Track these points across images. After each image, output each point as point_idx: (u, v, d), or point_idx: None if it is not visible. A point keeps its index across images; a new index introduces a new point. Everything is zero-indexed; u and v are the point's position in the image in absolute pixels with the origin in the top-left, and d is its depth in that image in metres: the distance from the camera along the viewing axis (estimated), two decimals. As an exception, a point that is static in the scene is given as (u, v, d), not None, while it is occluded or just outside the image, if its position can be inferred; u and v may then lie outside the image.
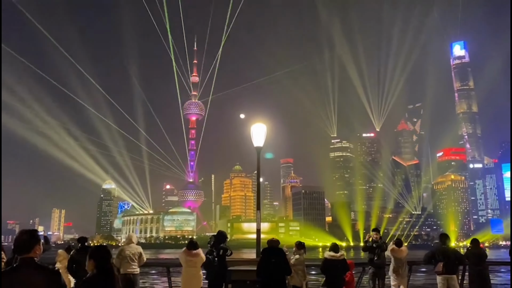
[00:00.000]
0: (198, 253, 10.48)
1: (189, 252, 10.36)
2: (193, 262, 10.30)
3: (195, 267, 10.35)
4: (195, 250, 10.50)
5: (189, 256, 10.31)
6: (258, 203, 12.66)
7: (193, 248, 10.48)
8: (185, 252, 10.39)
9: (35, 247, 4.17)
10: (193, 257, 10.33)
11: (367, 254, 13.66)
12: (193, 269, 10.30)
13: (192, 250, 10.40)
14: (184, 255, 10.38)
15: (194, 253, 10.37)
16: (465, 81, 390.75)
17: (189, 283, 10.28)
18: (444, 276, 11.29)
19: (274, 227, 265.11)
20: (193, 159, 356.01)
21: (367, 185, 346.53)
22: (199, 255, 10.49)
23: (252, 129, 12.56)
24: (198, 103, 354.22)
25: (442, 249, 11.62)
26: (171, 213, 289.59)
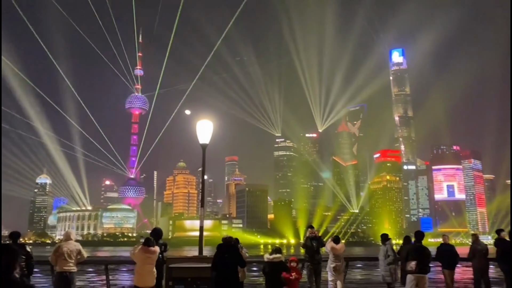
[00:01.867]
0: (156, 250, 10.33)
1: (147, 249, 10.15)
2: (151, 259, 10.14)
3: (152, 264, 10.20)
4: (153, 247, 10.31)
5: (147, 253, 10.11)
6: (203, 200, 12.60)
7: (151, 245, 10.30)
8: (142, 249, 10.16)
9: None
10: (152, 254, 10.16)
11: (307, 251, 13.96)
12: (150, 266, 10.16)
13: (150, 247, 10.21)
14: (141, 252, 10.15)
15: (152, 250, 10.20)
16: (402, 87, 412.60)
17: (145, 280, 10.09)
18: (416, 276, 11.03)
19: (217, 224, 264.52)
20: (135, 154, 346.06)
21: (308, 184, 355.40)
22: (156, 252, 10.35)
23: (197, 125, 12.45)
24: (142, 97, 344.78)
25: (417, 247, 11.38)
26: (110, 210, 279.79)
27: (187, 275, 10.65)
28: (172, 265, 10.82)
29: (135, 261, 10.24)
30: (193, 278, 10.55)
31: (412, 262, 10.99)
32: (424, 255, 11.18)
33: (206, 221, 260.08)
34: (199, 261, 11.26)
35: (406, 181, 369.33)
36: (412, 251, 11.32)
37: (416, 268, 10.91)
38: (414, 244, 11.76)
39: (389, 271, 13.24)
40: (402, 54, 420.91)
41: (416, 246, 11.51)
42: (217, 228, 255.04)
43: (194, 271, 10.70)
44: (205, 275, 10.54)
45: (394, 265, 13.33)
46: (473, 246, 13.85)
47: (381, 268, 13.61)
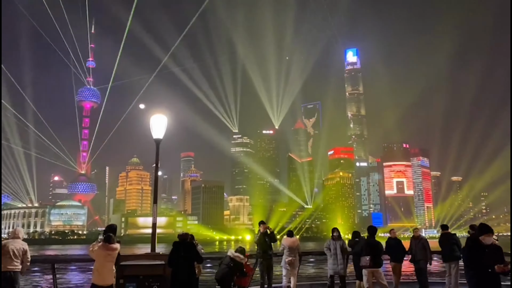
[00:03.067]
0: (117, 247, 9.97)
1: (108, 246, 9.78)
2: (111, 256, 9.76)
3: (112, 261, 9.80)
4: (114, 244, 9.96)
5: (108, 250, 9.74)
6: (155, 196, 12.33)
7: (112, 242, 9.94)
8: (103, 246, 9.77)
9: None
10: (112, 251, 9.80)
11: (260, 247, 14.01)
12: (110, 263, 9.76)
13: (111, 244, 9.84)
14: (102, 249, 9.76)
15: (113, 247, 9.83)
16: (356, 86, 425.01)
17: (104, 278, 9.72)
18: (370, 270, 11.48)
19: (171, 221, 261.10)
20: (85, 149, 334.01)
21: (264, 180, 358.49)
22: (117, 249, 10.00)
23: (151, 120, 12.17)
24: (94, 89, 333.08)
25: (370, 242, 11.74)
26: (59, 207, 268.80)
27: (139, 273, 10.42)
28: (124, 263, 10.54)
29: (93, 259, 9.89)
30: (145, 276, 10.35)
31: (367, 257, 11.37)
32: (377, 250, 11.61)
33: (160, 218, 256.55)
34: (151, 259, 11.03)
35: (358, 178, 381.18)
36: (366, 246, 11.65)
37: (371, 263, 11.31)
38: (367, 239, 12.08)
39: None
40: (356, 54, 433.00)
41: (369, 241, 11.86)
42: (172, 225, 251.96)
43: (146, 269, 10.49)
44: (158, 272, 10.37)
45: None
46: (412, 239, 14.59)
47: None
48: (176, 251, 10.13)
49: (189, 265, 10.12)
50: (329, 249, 13.51)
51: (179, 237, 10.52)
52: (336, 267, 13.25)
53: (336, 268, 13.26)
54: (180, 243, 10.31)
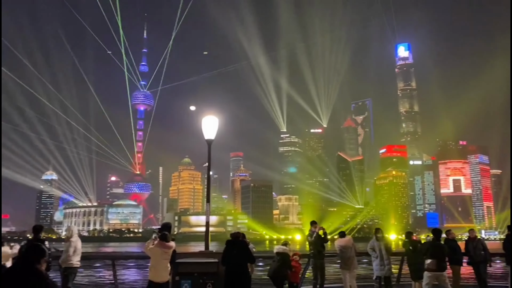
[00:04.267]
0: (172, 245, 10.38)
1: (164, 244, 10.20)
2: (167, 254, 10.15)
3: (168, 259, 10.20)
4: (169, 242, 10.37)
5: (164, 248, 10.15)
6: (208, 196, 12.62)
7: (168, 240, 10.36)
8: (159, 244, 10.19)
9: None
10: (168, 249, 10.21)
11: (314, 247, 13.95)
12: (166, 261, 10.17)
13: (167, 242, 10.26)
14: (158, 247, 10.18)
15: (169, 245, 10.25)
16: (408, 82, 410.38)
17: (160, 275, 10.13)
18: (435, 273, 11.18)
19: (222, 220, 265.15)
20: (140, 150, 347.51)
21: (313, 180, 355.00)
22: (173, 247, 10.41)
23: (203, 121, 12.49)
24: (147, 92, 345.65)
25: (435, 245, 11.44)
26: (116, 206, 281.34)
27: (194, 270, 10.70)
28: (179, 260, 10.87)
29: (149, 256, 10.29)
30: (200, 273, 10.61)
31: (432, 260, 11.09)
32: (442, 253, 11.34)
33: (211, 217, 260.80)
34: (205, 256, 11.31)
35: (412, 177, 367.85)
36: (431, 249, 11.37)
37: (436, 266, 11.03)
38: (433, 242, 11.74)
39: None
40: (408, 48, 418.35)
41: (434, 243, 11.55)
42: (223, 223, 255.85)
43: (201, 266, 10.76)
44: (212, 270, 10.60)
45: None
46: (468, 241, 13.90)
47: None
48: (229, 249, 10.33)
49: (242, 263, 10.26)
50: (374, 250, 13.22)
51: (231, 236, 10.73)
52: (383, 268, 12.96)
53: (383, 269, 12.95)
54: (233, 242, 10.50)
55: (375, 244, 13.27)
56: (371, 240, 13.64)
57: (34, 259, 4.08)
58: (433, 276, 11.04)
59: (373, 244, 13.35)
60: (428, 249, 11.49)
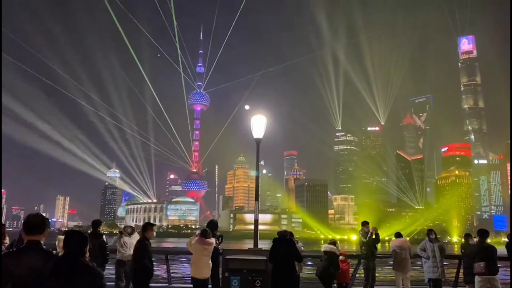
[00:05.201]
0: (212, 241, 10.62)
1: (204, 240, 10.47)
2: (207, 250, 10.40)
3: (208, 255, 10.45)
4: (209, 238, 10.63)
5: (204, 244, 10.40)
6: (257, 194, 12.79)
7: (208, 237, 10.62)
8: (200, 240, 10.47)
9: (46, 230, 4.24)
10: (208, 246, 10.46)
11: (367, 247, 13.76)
12: (207, 258, 10.40)
13: (206, 239, 10.53)
14: (198, 243, 10.46)
15: (209, 242, 10.50)
16: (472, 76, 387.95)
17: (201, 271, 10.39)
18: (486, 277, 10.55)
19: (276, 218, 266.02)
20: (197, 149, 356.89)
21: (370, 179, 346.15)
22: (213, 243, 10.66)
23: (252, 120, 12.67)
24: (203, 93, 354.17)
25: (483, 247, 10.82)
26: (175, 203, 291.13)
27: (243, 266, 10.86)
28: (228, 257, 11.10)
29: (191, 252, 10.58)
30: (248, 270, 10.76)
31: (481, 263, 10.46)
32: (491, 255, 10.63)
33: (265, 215, 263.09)
34: (254, 254, 11.45)
35: (477, 177, 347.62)
36: (479, 251, 10.74)
37: (486, 270, 10.39)
38: (480, 243, 11.04)
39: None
40: (472, 42, 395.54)
41: (482, 245, 10.87)
42: (277, 222, 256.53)
43: (249, 263, 10.90)
44: (260, 267, 10.71)
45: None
46: None
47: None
48: (276, 247, 10.34)
49: (289, 262, 10.24)
50: (424, 251, 12.73)
51: (278, 234, 10.77)
52: (436, 270, 12.43)
53: (436, 271, 12.43)
54: (280, 240, 10.50)
55: (427, 245, 12.81)
56: (423, 241, 13.16)
57: (78, 252, 4.03)
58: (484, 280, 10.43)
59: (424, 245, 12.89)
60: (476, 252, 10.87)
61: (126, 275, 12.47)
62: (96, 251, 10.31)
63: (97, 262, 10.55)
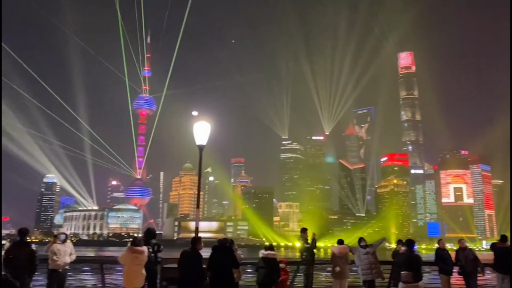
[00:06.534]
0: (143, 249, 10.31)
1: (134, 248, 10.15)
2: (138, 259, 10.10)
3: (140, 264, 10.15)
4: (140, 246, 10.33)
5: (135, 253, 10.09)
6: (198, 201, 12.65)
7: (138, 244, 10.32)
8: (130, 249, 10.15)
9: None
10: (139, 254, 10.15)
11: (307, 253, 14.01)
12: (138, 267, 10.09)
13: (137, 247, 10.22)
14: (129, 252, 10.13)
15: (139, 250, 10.20)
16: (410, 90, 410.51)
17: (132, 281, 10.04)
18: (410, 285, 11.00)
19: (222, 226, 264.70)
20: (141, 155, 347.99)
21: (315, 187, 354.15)
22: (144, 251, 10.35)
23: (194, 127, 12.55)
24: (149, 97, 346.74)
25: (411, 256, 11.29)
26: (116, 210, 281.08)
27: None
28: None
29: (123, 264, 10.18)
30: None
31: (408, 273, 10.94)
32: (418, 264, 11.20)
33: (211, 223, 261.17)
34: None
35: (414, 185, 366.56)
36: (407, 261, 11.24)
37: (412, 279, 10.91)
38: (408, 253, 11.60)
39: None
40: (410, 57, 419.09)
41: (410, 255, 11.40)
42: (223, 229, 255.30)
43: (188, 272, 10.73)
44: (199, 275, 10.57)
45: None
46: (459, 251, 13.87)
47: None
48: (214, 255, 10.31)
49: (227, 269, 10.23)
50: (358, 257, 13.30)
51: (218, 242, 10.70)
52: (369, 272, 12.98)
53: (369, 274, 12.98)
54: (219, 248, 10.46)
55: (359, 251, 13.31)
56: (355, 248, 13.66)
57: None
58: (408, 287, 10.98)
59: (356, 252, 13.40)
60: (404, 262, 11.37)
61: (59, 285, 11.78)
62: (24, 261, 9.81)
63: (24, 272, 9.94)
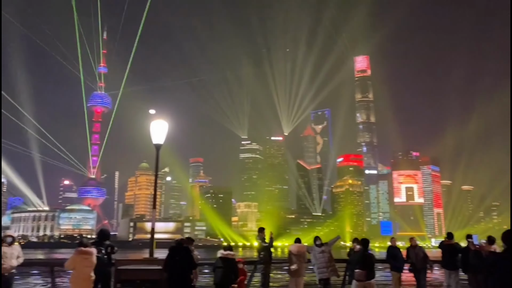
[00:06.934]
0: (92, 251, 9.99)
1: (82, 250, 9.81)
2: (88, 260, 9.79)
3: (90, 266, 9.85)
4: (89, 248, 10.00)
5: (83, 254, 9.76)
6: (155, 202, 12.42)
7: (86, 245, 9.99)
8: (78, 251, 9.81)
9: None
10: (88, 255, 9.83)
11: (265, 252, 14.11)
12: (88, 269, 9.78)
13: (86, 248, 9.89)
14: (77, 254, 9.78)
15: (88, 251, 9.87)
16: (366, 93, 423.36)
17: (81, 284, 9.71)
18: (364, 283, 11.31)
19: (179, 226, 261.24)
20: (96, 154, 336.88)
21: (273, 187, 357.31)
22: (93, 253, 10.03)
23: (151, 125, 12.31)
24: (105, 95, 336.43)
25: (365, 255, 11.53)
26: (69, 211, 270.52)
27: (136, 277, 10.45)
28: (121, 267, 10.60)
29: (71, 268, 9.85)
30: (142, 281, 10.38)
31: (362, 271, 11.25)
32: (371, 263, 11.54)
33: (168, 224, 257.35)
34: (149, 263, 11.09)
35: (368, 185, 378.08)
36: (361, 260, 11.54)
37: (365, 278, 11.21)
38: (363, 252, 11.85)
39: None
40: (366, 61, 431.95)
41: (364, 254, 11.68)
42: (180, 230, 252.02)
43: (143, 273, 10.52)
44: (154, 277, 10.39)
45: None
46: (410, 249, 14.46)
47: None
48: (171, 256, 10.19)
49: (184, 270, 10.14)
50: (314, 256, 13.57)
51: (175, 243, 10.58)
52: (325, 270, 13.28)
53: (324, 272, 13.27)
54: (176, 248, 10.35)
55: (315, 249, 13.57)
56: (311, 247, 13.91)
57: None
58: (361, 285, 11.34)
59: (312, 251, 13.65)
60: (358, 261, 11.71)
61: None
62: None
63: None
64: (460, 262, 13.15)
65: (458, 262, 13.21)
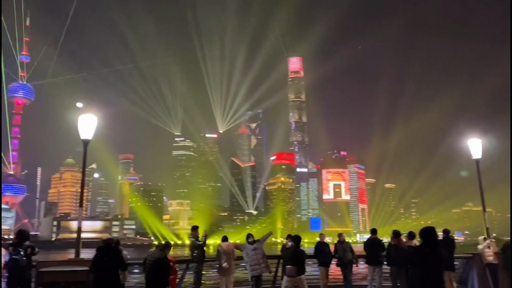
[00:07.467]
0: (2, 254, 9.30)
1: None
2: None
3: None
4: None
5: None
6: (81, 199, 11.86)
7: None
8: None
9: None
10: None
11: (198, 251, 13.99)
12: None
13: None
14: None
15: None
16: (298, 94, 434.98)
17: None
18: (294, 278, 11.68)
19: (107, 225, 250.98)
20: (15, 148, 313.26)
21: (206, 184, 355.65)
22: (3, 256, 9.33)
23: (79, 120, 11.74)
24: (26, 85, 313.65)
25: (296, 252, 11.90)
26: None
27: (60, 279, 9.98)
28: (43, 269, 10.01)
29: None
30: (67, 283, 9.94)
31: (291, 267, 11.58)
32: (302, 259, 11.92)
33: (95, 222, 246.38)
34: (75, 264, 10.59)
35: (299, 183, 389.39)
36: (292, 256, 11.89)
37: (295, 273, 11.54)
38: (294, 249, 12.22)
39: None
40: (299, 62, 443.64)
41: (295, 251, 12.03)
42: (108, 229, 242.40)
43: (68, 275, 10.07)
44: (81, 279, 10.00)
45: None
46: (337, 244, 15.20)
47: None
48: (99, 256, 9.87)
49: (112, 271, 9.84)
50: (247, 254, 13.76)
51: (103, 242, 10.24)
52: (257, 267, 13.51)
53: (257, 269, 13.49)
54: (104, 248, 10.02)
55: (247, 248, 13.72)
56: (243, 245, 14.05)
57: None
58: (291, 280, 11.72)
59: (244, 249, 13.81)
60: (290, 257, 12.06)
61: None
62: None
63: None
64: (383, 258, 13.98)
65: (381, 258, 14.02)
